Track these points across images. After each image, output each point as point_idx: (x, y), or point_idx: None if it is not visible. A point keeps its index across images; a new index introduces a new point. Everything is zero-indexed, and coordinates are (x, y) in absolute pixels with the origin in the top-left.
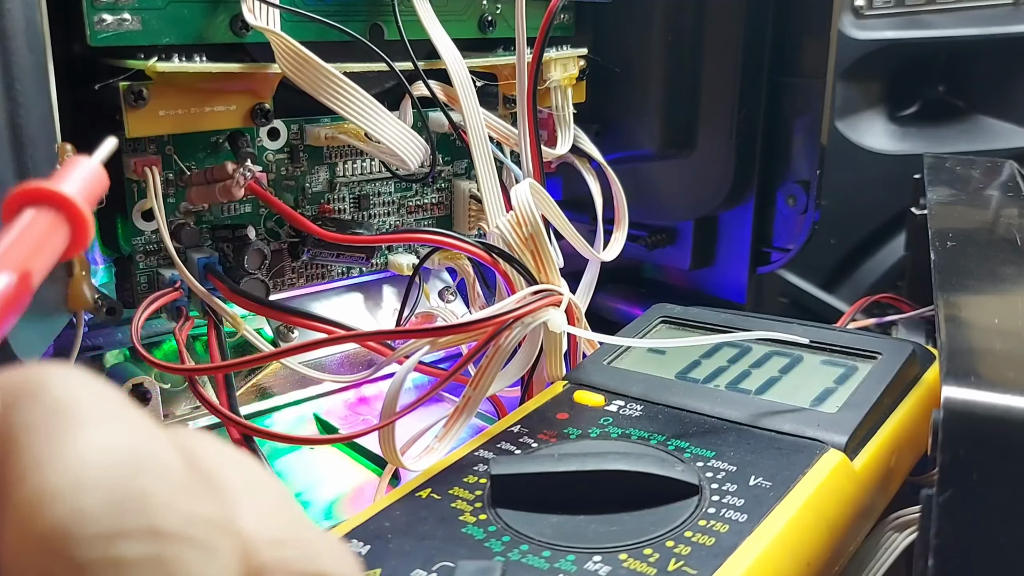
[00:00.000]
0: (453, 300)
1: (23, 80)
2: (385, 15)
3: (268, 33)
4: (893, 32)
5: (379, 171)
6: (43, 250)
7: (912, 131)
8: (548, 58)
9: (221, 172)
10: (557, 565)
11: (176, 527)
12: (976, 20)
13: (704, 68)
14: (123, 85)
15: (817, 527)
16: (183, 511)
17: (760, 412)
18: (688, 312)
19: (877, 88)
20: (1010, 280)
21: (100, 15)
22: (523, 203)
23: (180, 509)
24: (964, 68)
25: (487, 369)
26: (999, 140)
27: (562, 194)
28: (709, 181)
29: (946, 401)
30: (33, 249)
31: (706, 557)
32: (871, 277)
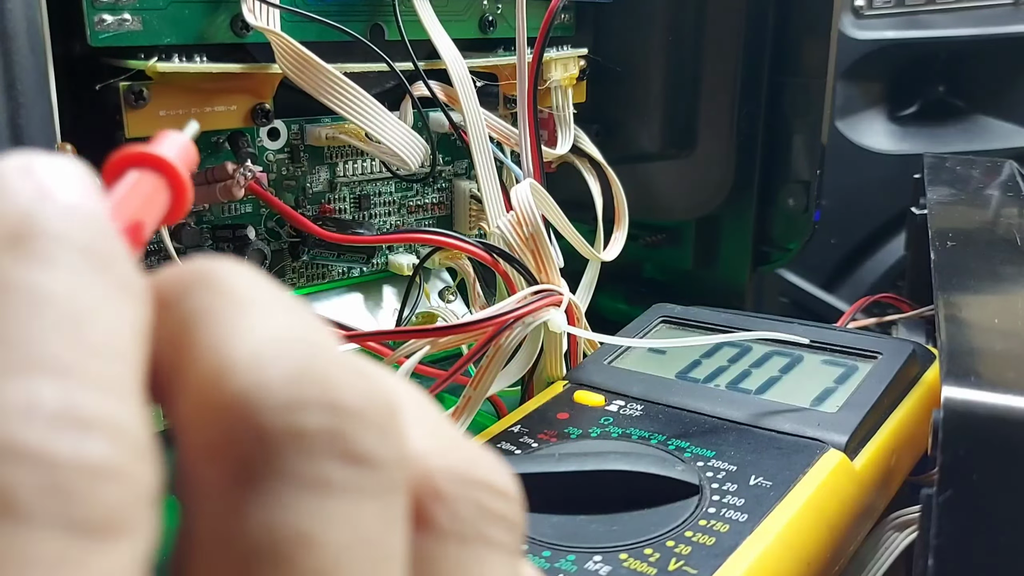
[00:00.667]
0: (453, 300)
1: (24, 80)
2: (385, 15)
3: (268, 33)
4: (893, 32)
5: (379, 171)
6: (151, 207)
7: (912, 131)
8: (548, 58)
9: (222, 172)
10: (557, 565)
11: (354, 404)
12: (976, 20)
13: (704, 68)
14: (123, 85)
15: (817, 527)
16: (360, 391)
17: (760, 412)
18: (688, 312)
19: (877, 88)
20: (1010, 280)
21: (100, 15)
22: (523, 203)
23: (358, 388)
24: (964, 68)
25: (487, 369)
26: (999, 140)
27: (562, 194)
28: (709, 181)
29: (946, 401)
30: (143, 204)
31: (706, 557)
32: (871, 277)
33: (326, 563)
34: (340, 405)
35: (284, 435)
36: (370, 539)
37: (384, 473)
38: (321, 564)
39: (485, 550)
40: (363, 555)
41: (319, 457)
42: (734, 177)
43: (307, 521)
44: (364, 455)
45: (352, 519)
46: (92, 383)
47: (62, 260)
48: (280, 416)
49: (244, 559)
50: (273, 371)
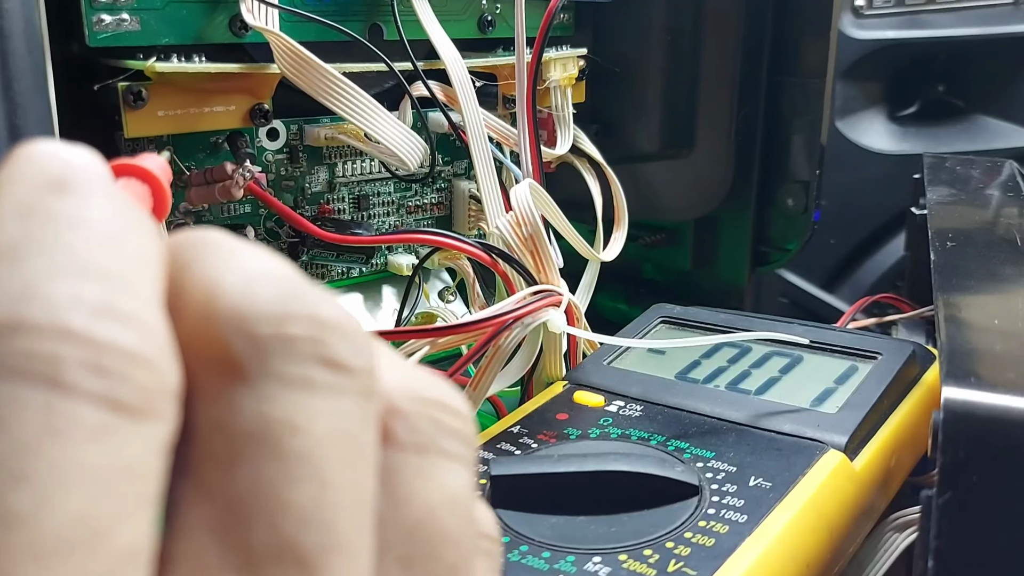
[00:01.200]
0: (453, 300)
1: (22, 80)
2: (384, 15)
3: (267, 33)
4: (893, 32)
5: (378, 171)
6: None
7: (912, 131)
8: (548, 58)
9: (220, 172)
10: (557, 566)
11: (333, 319)
12: (976, 20)
13: (703, 68)
14: (122, 85)
15: (817, 528)
16: (338, 310)
17: (760, 412)
18: (688, 312)
19: (877, 88)
20: (1010, 280)
21: (99, 15)
22: (523, 203)
23: (336, 308)
24: (964, 68)
25: (487, 369)
26: (999, 140)
27: (562, 194)
28: (709, 181)
29: (946, 402)
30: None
31: (706, 558)
32: (871, 277)
33: (308, 447)
34: (321, 319)
35: (273, 340)
36: (347, 433)
37: (359, 379)
38: (304, 447)
39: (441, 459)
40: (341, 445)
41: (303, 360)
42: (733, 177)
43: (292, 412)
44: (342, 361)
45: (330, 413)
46: (127, 288)
47: (97, 201)
48: (269, 325)
49: (239, 443)
50: (262, 291)
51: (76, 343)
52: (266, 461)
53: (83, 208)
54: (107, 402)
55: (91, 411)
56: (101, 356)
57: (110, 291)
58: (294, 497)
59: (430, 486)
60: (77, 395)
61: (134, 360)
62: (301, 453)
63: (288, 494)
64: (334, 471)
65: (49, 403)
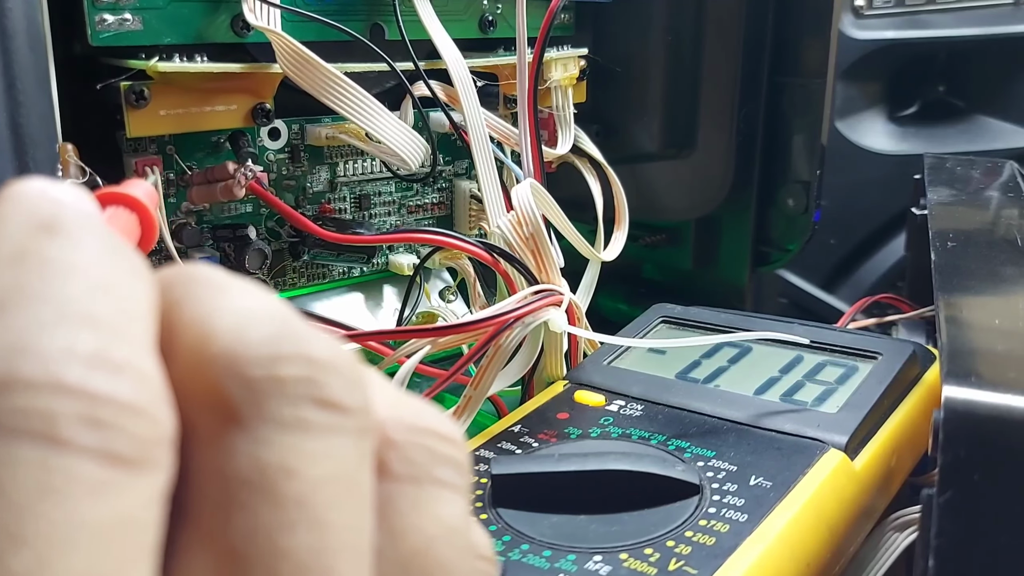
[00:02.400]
0: (454, 300)
1: (24, 80)
2: (386, 15)
3: (269, 33)
4: (893, 32)
5: (380, 171)
6: (127, 237)
7: (912, 131)
8: (548, 58)
9: (222, 172)
10: (557, 565)
11: (325, 358)
12: (976, 20)
13: (704, 68)
14: (124, 85)
15: (817, 527)
16: (330, 348)
17: (760, 412)
18: (688, 312)
19: (877, 88)
20: (1010, 280)
21: (101, 15)
22: (524, 203)
23: (327, 346)
24: (964, 68)
25: (488, 369)
26: (999, 140)
27: (562, 194)
28: (709, 181)
29: (947, 401)
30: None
31: (707, 557)
32: (871, 277)
33: (305, 491)
34: (313, 358)
35: (266, 383)
36: (343, 473)
37: (354, 417)
38: (301, 492)
39: (437, 489)
40: (338, 486)
41: (297, 402)
42: (734, 177)
43: (288, 456)
44: (336, 400)
45: (326, 455)
46: (120, 335)
47: (87, 243)
48: (262, 367)
49: (235, 489)
50: (254, 332)
51: (71, 397)
52: (263, 507)
53: (74, 252)
54: (105, 456)
55: (89, 466)
56: (97, 409)
57: (103, 340)
58: (292, 544)
59: (426, 517)
60: (74, 451)
61: (130, 411)
62: (298, 498)
63: (286, 541)
64: (332, 514)
65: (46, 461)
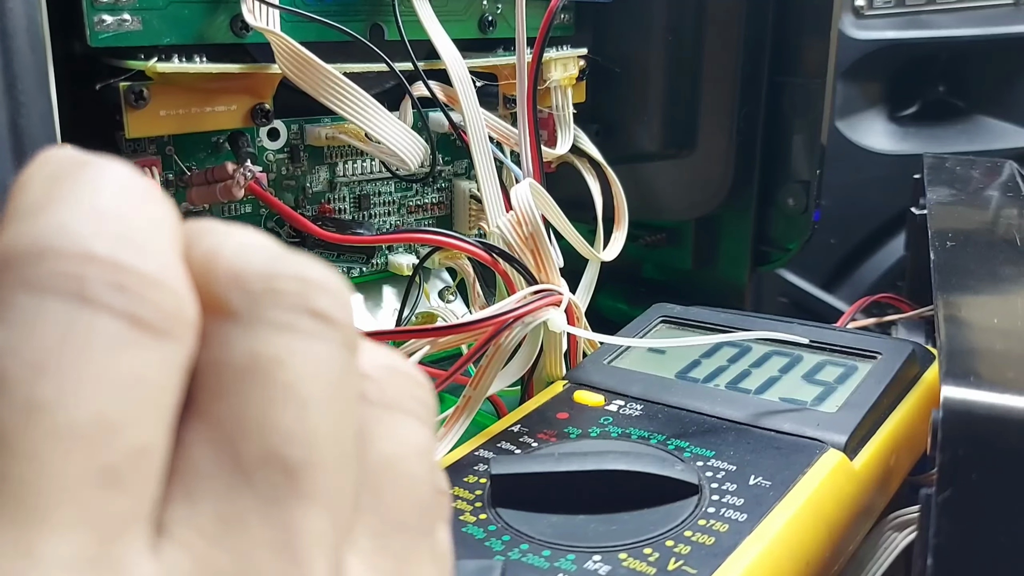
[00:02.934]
0: (453, 300)
1: (24, 80)
2: (385, 15)
3: (268, 33)
4: (893, 32)
5: (379, 171)
6: None
7: (912, 131)
8: (548, 58)
9: (221, 172)
10: (557, 564)
11: (318, 278)
12: (976, 20)
13: (704, 68)
14: (123, 85)
15: (816, 527)
16: (323, 272)
17: (760, 412)
18: (688, 312)
19: (877, 88)
20: (1010, 280)
21: (100, 15)
22: (523, 203)
23: (321, 268)
24: (964, 68)
25: (487, 369)
26: (999, 140)
27: (562, 194)
28: (709, 181)
29: (945, 401)
30: None
31: (706, 556)
32: (871, 277)
33: (292, 379)
34: (307, 278)
35: (264, 293)
36: (329, 373)
37: (340, 329)
38: (289, 379)
39: (408, 418)
40: (324, 383)
41: (290, 309)
42: (734, 177)
43: (280, 350)
44: (324, 312)
45: (315, 355)
46: (147, 231)
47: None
48: (262, 282)
49: (232, 373)
50: (255, 257)
51: (100, 266)
52: (255, 388)
53: (105, 174)
54: (128, 318)
55: (113, 324)
56: (123, 277)
57: (132, 230)
58: (279, 419)
59: (399, 436)
60: (99, 308)
61: (155, 284)
62: (286, 384)
63: (274, 416)
64: (316, 400)
65: (73, 314)
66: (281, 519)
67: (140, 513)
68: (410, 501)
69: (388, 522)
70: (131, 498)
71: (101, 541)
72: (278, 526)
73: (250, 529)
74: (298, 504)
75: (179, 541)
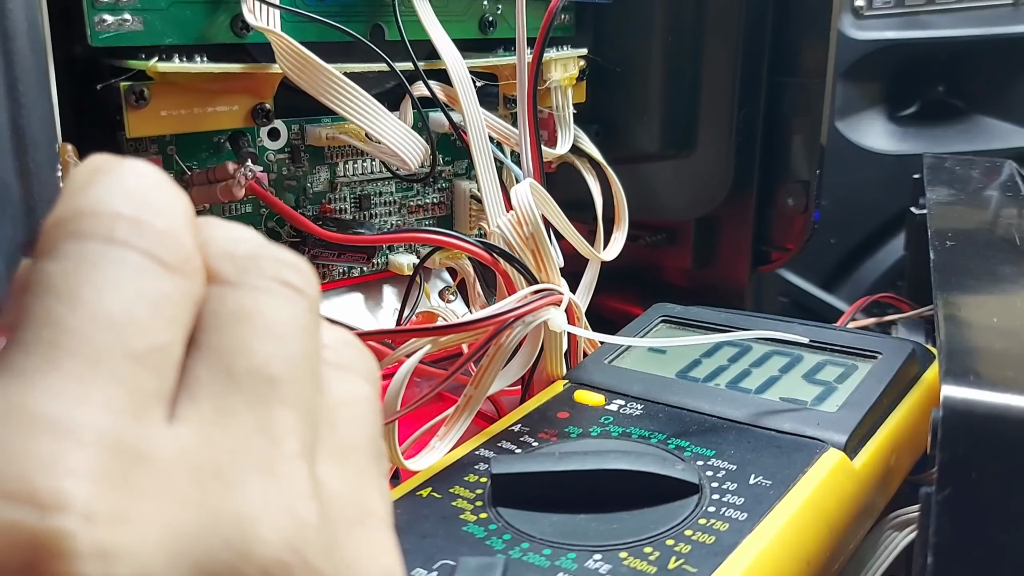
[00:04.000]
0: (453, 300)
1: (25, 80)
2: (386, 15)
3: (269, 33)
4: (893, 32)
5: (380, 171)
6: None
7: (912, 131)
8: (548, 58)
9: (222, 172)
10: (558, 563)
11: (293, 260)
12: (976, 20)
13: (704, 68)
14: (124, 85)
15: (817, 526)
16: (297, 257)
17: (760, 411)
18: (688, 312)
19: (877, 88)
20: (1009, 280)
21: (101, 15)
22: (523, 203)
23: (292, 255)
24: (964, 68)
25: (488, 368)
26: (999, 140)
27: (562, 194)
28: (709, 181)
29: (945, 400)
30: None
31: (706, 555)
32: (871, 277)
33: (269, 322)
34: (282, 259)
35: (249, 265)
36: (296, 321)
37: (307, 298)
38: (267, 322)
39: (354, 375)
40: (292, 326)
41: (268, 278)
42: (734, 177)
43: (260, 304)
44: (293, 284)
45: (287, 311)
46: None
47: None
48: (248, 258)
49: (223, 318)
50: (244, 242)
51: (125, 220)
52: (243, 326)
53: (134, 167)
54: (147, 254)
55: (135, 256)
56: (144, 228)
57: (151, 202)
58: (262, 346)
59: (350, 387)
60: (126, 246)
61: (169, 236)
62: (265, 324)
63: (258, 344)
64: (288, 338)
65: (106, 249)
66: (263, 411)
67: (161, 393)
68: (361, 433)
69: (344, 445)
70: (155, 379)
71: (134, 403)
72: (261, 415)
73: (240, 416)
74: (277, 402)
75: (185, 421)
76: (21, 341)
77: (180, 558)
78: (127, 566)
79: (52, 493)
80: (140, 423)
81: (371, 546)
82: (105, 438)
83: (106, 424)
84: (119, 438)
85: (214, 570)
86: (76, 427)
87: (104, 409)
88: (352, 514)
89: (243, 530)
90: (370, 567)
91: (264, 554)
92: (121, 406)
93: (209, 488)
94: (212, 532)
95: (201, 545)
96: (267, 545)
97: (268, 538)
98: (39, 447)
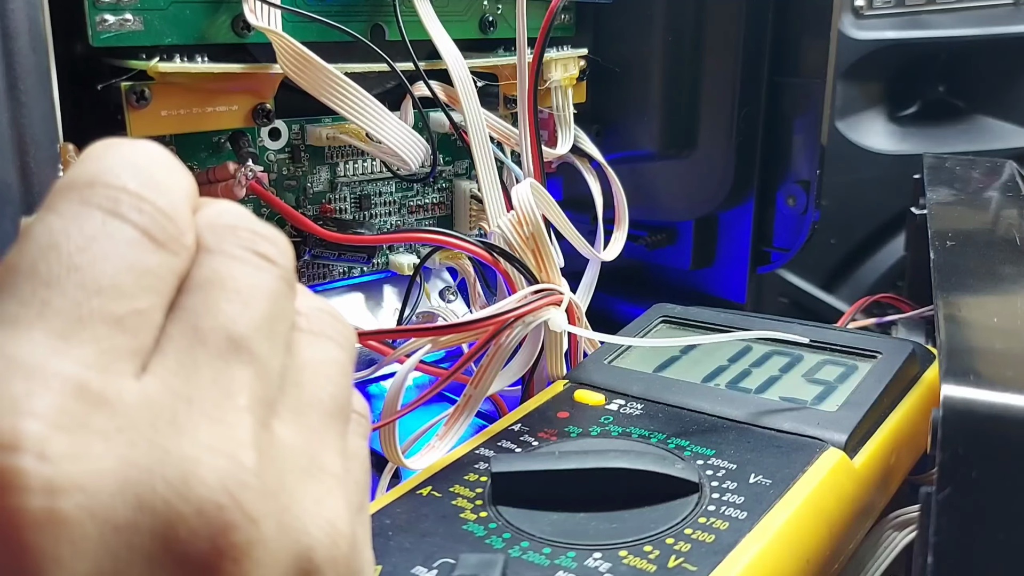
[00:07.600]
0: (454, 300)
1: (26, 80)
2: (386, 15)
3: (269, 33)
4: (893, 32)
5: (380, 171)
6: None
7: (912, 131)
8: (548, 58)
9: (223, 172)
10: (557, 562)
11: (270, 233)
12: (976, 20)
13: (704, 68)
14: (125, 85)
15: (817, 525)
16: (275, 230)
17: (760, 411)
18: (688, 312)
19: (877, 88)
20: (1009, 280)
21: (102, 15)
22: (524, 203)
23: (272, 229)
24: (964, 68)
25: (488, 368)
26: (999, 140)
27: (562, 194)
28: (709, 181)
29: (945, 400)
30: None
31: (706, 554)
32: (871, 277)
33: (241, 287)
34: (260, 232)
35: (226, 234)
36: (265, 289)
37: (279, 267)
38: (237, 286)
39: (326, 340)
40: (261, 292)
41: (244, 248)
42: (734, 177)
43: (233, 270)
44: (267, 255)
45: (255, 277)
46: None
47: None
48: (226, 230)
49: (198, 281)
50: (229, 215)
51: (130, 195)
52: (213, 289)
53: (145, 146)
54: (142, 230)
55: (132, 231)
56: (144, 206)
57: (156, 180)
58: (228, 308)
59: (319, 350)
60: (125, 221)
61: (165, 215)
62: (234, 288)
63: (225, 306)
64: (255, 302)
65: (107, 220)
66: (221, 366)
67: (135, 350)
68: (325, 392)
69: (303, 402)
70: (130, 339)
71: (106, 358)
72: (219, 369)
73: (201, 370)
74: (236, 360)
75: (152, 374)
76: (19, 291)
77: (124, 494)
78: (72, 500)
79: (10, 432)
80: (108, 374)
81: (317, 498)
82: (70, 385)
83: (75, 373)
84: (84, 385)
85: (154, 506)
86: (47, 375)
87: (78, 362)
88: (301, 466)
89: (184, 470)
90: (313, 518)
91: (200, 494)
92: (93, 361)
93: (161, 431)
94: (157, 471)
95: (145, 482)
96: (204, 486)
97: (206, 479)
98: (10, 389)
